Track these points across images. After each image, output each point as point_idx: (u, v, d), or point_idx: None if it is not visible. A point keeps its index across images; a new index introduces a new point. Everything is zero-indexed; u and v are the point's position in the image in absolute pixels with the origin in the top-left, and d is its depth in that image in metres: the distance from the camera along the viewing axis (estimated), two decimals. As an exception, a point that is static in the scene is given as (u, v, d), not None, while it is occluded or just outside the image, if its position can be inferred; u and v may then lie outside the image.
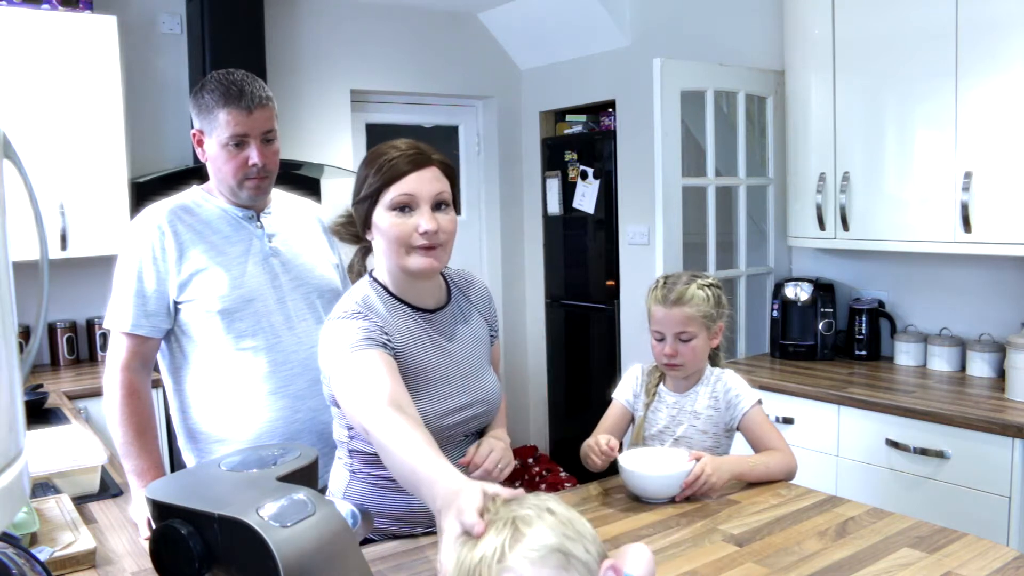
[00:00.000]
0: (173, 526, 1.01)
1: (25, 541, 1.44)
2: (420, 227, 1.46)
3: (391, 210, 1.47)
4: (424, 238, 1.47)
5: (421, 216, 1.47)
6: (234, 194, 1.82)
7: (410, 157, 1.48)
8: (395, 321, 1.52)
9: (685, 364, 1.88)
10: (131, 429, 1.75)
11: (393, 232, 1.47)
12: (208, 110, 1.75)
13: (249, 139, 1.76)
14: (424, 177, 1.48)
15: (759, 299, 3.48)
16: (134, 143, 3.50)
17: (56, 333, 3.45)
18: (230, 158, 1.76)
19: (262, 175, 1.80)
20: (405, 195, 1.46)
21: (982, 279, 2.91)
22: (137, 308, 1.76)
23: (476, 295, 1.72)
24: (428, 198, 1.48)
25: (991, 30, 2.50)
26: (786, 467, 1.85)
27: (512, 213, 4.95)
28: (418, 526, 1.57)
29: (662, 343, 1.89)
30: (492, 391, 1.63)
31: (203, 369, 1.82)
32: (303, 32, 4.12)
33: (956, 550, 1.43)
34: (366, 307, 1.50)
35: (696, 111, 3.30)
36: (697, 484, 1.69)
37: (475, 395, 1.59)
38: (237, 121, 1.73)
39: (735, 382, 1.92)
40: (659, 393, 1.95)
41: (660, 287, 1.91)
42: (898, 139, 2.81)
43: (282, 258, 1.87)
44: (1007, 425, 2.28)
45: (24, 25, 3.08)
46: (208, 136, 1.78)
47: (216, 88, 1.75)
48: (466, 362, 1.60)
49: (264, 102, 1.77)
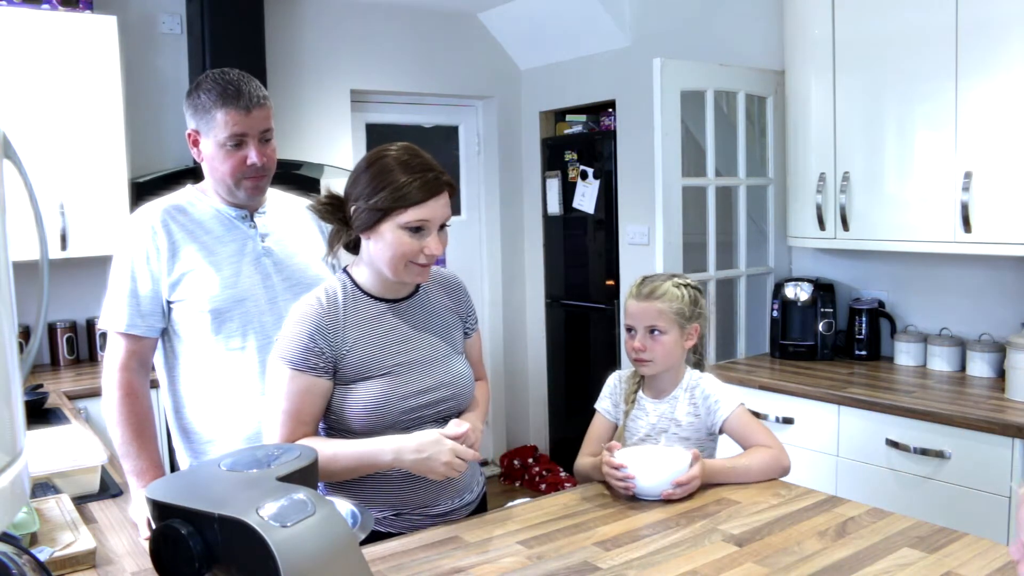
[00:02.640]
0: (173, 526, 1.01)
1: (25, 541, 1.43)
2: (428, 249, 1.55)
3: (403, 229, 1.54)
4: (427, 259, 1.56)
5: (430, 239, 1.56)
6: (231, 194, 1.82)
7: (428, 183, 1.54)
8: (355, 314, 1.61)
9: (655, 360, 1.86)
10: (130, 429, 1.75)
11: (400, 250, 1.55)
12: (205, 110, 1.75)
13: (247, 139, 1.76)
14: (439, 204, 1.56)
15: (759, 299, 3.48)
16: (134, 143, 3.50)
17: (56, 333, 3.45)
18: (228, 157, 1.76)
19: (260, 174, 1.80)
20: (422, 220, 1.54)
21: (982, 279, 2.91)
22: (131, 308, 1.76)
23: (448, 289, 1.77)
24: (438, 223, 1.57)
25: (991, 30, 2.50)
26: (775, 463, 1.81)
27: (512, 213, 4.95)
28: (407, 506, 1.62)
29: (632, 336, 1.89)
30: (459, 376, 1.68)
31: (195, 368, 1.82)
32: (303, 32, 4.12)
33: (956, 550, 1.43)
34: (329, 302, 1.59)
35: (696, 111, 3.30)
36: (691, 487, 1.69)
37: (440, 379, 1.65)
38: (236, 121, 1.73)
39: (713, 387, 1.91)
40: (638, 400, 1.94)
41: (637, 284, 1.93)
42: (898, 139, 2.81)
43: (275, 258, 1.87)
44: (1007, 425, 2.28)
45: (24, 25, 3.08)
46: (205, 136, 1.77)
47: (213, 88, 1.74)
48: (431, 348, 1.66)
49: (262, 101, 1.77)
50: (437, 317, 1.71)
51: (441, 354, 1.67)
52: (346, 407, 1.57)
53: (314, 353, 1.55)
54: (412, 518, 1.63)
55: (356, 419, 1.57)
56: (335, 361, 1.57)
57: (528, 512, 1.67)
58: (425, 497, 1.63)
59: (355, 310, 1.61)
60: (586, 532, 1.55)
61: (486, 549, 1.48)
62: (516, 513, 1.66)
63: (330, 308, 1.59)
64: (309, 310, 1.58)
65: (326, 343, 1.56)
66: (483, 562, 1.43)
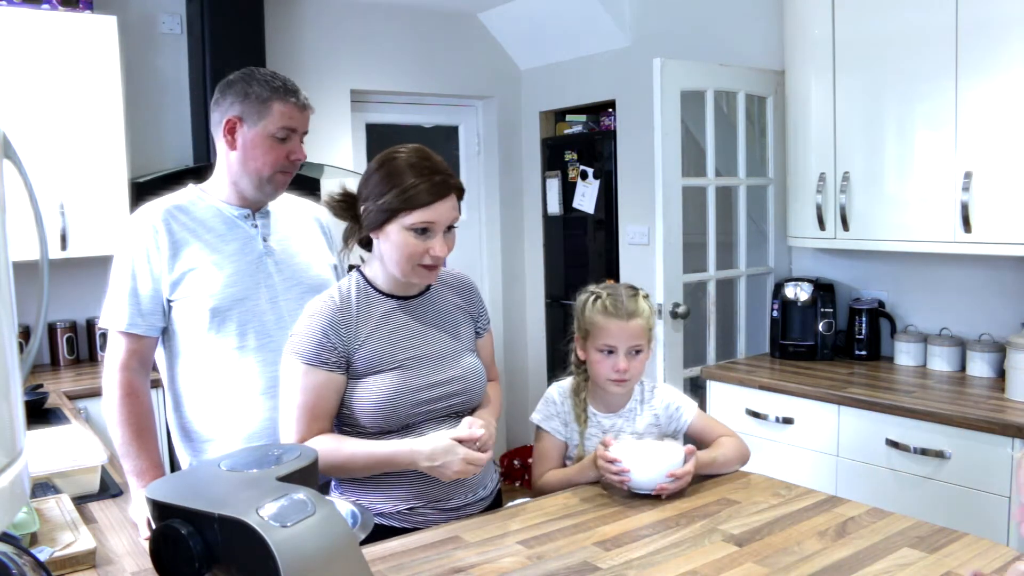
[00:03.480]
0: (173, 526, 1.01)
1: (25, 541, 1.43)
2: (433, 251, 1.58)
3: (409, 230, 1.56)
4: (433, 260, 1.59)
5: (435, 241, 1.58)
6: (257, 187, 1.82)
7: (435, 186, 1.56)
8: (367, 310, 1.64)
9: (632, 378, 1.86)
10: (130, 429, 1.75)
11: (406, 251, 1.57)
12: (261, 100, 1.77)
13: (295, 135, 1.81)
14: (446, 207, 1.57)
15: (759, 299, 3.48)
16: (134, 143, 3.50)
17: (56, 333, 3.45)
18: (272, 148, 1.79)
19: (291, 171, 1.84)
20: (427, 222, 1.56)
21: (982, 279, 2.91)
22: (132, 307, 1.76)
23: (459, 289, 1.80)
24: (444, 225, 1.59)
25: (991, 30, 2.50)
26: (742, 448, 1.90)
27: (512, 213, 4.95)
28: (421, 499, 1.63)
29: (612, 358, 1.83)
30: (470, 372, 1.71)
31: (195, 367, 1.82)
32: (303, 32, 4.12)
33: (956, 550, 1.43)
34: (342, 300, 1.63)
35: (696, 111, 3.30)
36: (684, 481, 1.71)
37: (451, 374, 1.67)
38: (291, 115, 1.79)
39: (672, 395, 1.95)
40: (590, 417, 1.90)
41: (605, 299, 1.85)
42: (898, 139, 2.81)
43: (276, 257, 1.87)
44: (1007, 425, 2.28)
45: (24, 25, 3.08)
46: (252, 125, 1.78)
47: (267, 81, 1.80)
48: (441, 344, 1.69)
49: (309, 105, 1.85)
50: (448, 315, 1.74)
51: (452, 350, 1.70)
52: (357, 401, 1.59)
53: (327, 348, 1.58)
54: (425, 512, 1.64)
55: (367, 414, 1.59)
56: (348, 356, 1.60)
57: (528, 512, 1.67)
58: (439, 492, 1.64)
59: (367, 306, 1.65)
60: (586, 532, 1.55)
61: (486, 549, 1.48)
62: (516, 513, 1.66)
63: (343, 304, 1.62)
64: (322, 307, 1.62)
65: (339, 339, 1.59)
66: (483, 562, 1.43)
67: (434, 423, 1.64)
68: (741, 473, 1.88)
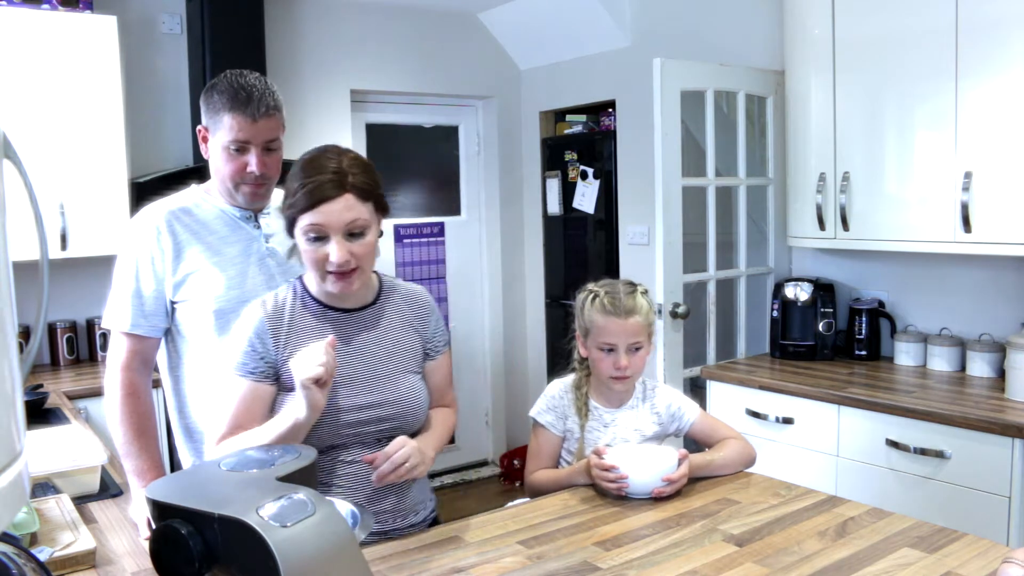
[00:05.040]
0: (173, 526, 1.01)
1: (25, 541, 1.43)
2: (330, 257, 1.49)
3: (303, 236, 1.50)
4: (336, 267, 1.50)
5: (330, 246, 1.49)
6: (231, 196, 1.82)
7: (320, 187, 1.47)
8: (300, 321, 1.58)
9: (633, 374, 1.87)
10: (131, 429, 1.75)
11: (308, 258, 1.52)
12: (215, 111, 1.75)
13: (250, 146, 1.75)
14: (335, 208, 1.47)
15: (759, 299, 3.48)
16: (134, 143, 3.50)
17: (56, 333, 3.45)
18: (229, 161, 1.76)
19: (259, 182, 1.79)
20: (314, 226, 1.48)
21: (982, 279, 2.90)
22: (135, 308, 1.76)
23: (412, 309, 1.69)
24: (339, 228, 1.49)
25: (991, 30, 2.50)
26: (746, 451, 1.88)
27: (512, 213, 4.95)
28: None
29: (612, 355, 1.84)
30: (407, 395, 1.61)
31: (198, 368, 1.82)
32: (303, 32, 4.12)
33: (956, 550, 1.43)
34: (275, 307, 1.57)
35: (696, 111, 3.30)
36: (679, 484, 1.71)
37: (383, 396, 1.59)
38: (240, 127, 1.72)
39: (674, 396, 1.95)
40: (593, 411, 1.91)
41: (603, 298, 1.86)
42: (898, 139, 2.81)
43: (278, 259, 1.86)
44: (1007, 425, 2.28)
45: (24, 25, 3.08)
46: (212, 135, 1.78)
47: (226, 90, 1.73)
48: (377, 363, 1.61)
49: (271, 112, 1.75)
50: (391, 332, 1.64)
51: (387, 371, 1.61)
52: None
53: (253, 357, 1.53)
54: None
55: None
56: (276, 367, 1.54)
57: (528, 512, 1.67)
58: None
59: (300, 317, 1.58)
60: (586, 532, 1.55)
61: (486, 549, 1.48)
62: (516, 513, 1.66)
63: (274, 313, 1.57)
64: (250, 314, 1.57)
65: (265, 348, 1.54)
66: (483, 562, 1.43)
67: (362, 447, 1.57)
68: (741, 473, 1.88)
